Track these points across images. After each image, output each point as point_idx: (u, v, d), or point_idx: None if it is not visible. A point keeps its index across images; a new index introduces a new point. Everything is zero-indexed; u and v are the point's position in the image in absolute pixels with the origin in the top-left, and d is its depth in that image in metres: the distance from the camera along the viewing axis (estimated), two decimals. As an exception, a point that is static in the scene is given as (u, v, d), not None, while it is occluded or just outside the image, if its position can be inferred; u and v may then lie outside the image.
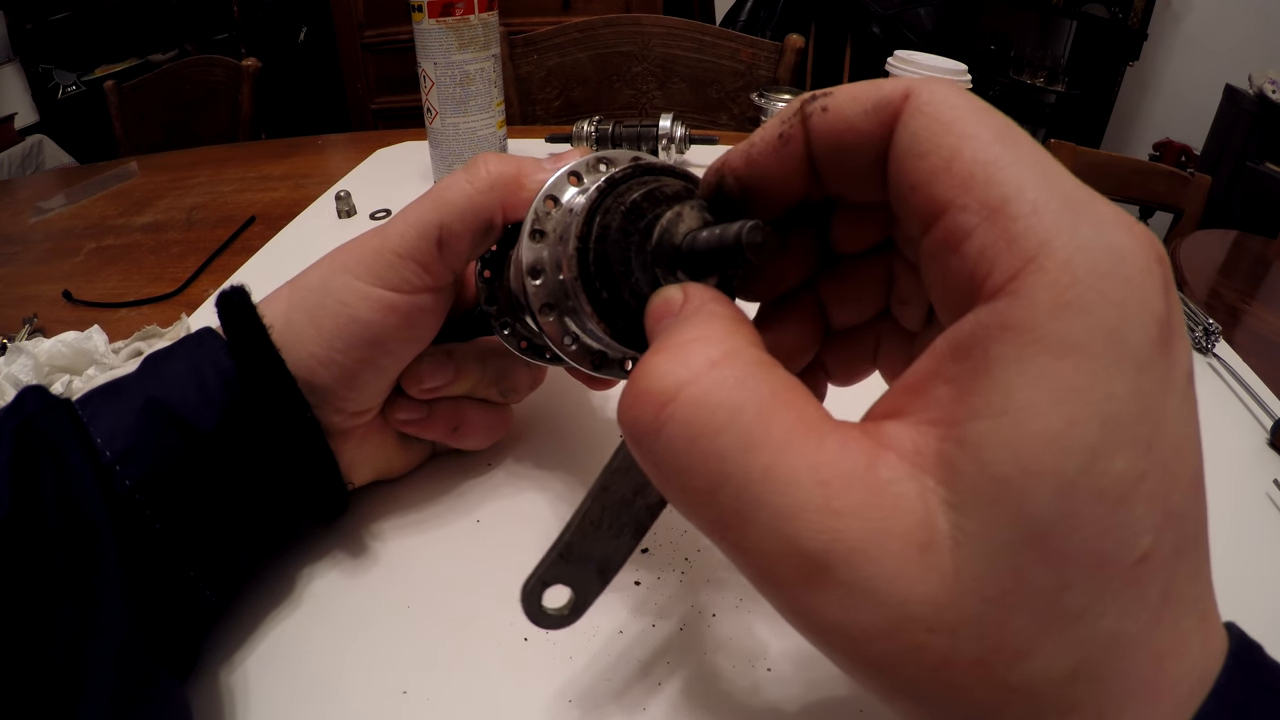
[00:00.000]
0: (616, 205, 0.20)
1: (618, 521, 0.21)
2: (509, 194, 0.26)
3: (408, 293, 0.26)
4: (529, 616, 0.22)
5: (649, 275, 0.20)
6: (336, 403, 0.27)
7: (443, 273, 0.27)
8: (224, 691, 0.25)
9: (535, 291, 0.23)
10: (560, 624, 0.22)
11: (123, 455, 0.23)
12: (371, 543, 0.30)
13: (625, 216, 0.20)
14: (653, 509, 0.22)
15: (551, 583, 0.21)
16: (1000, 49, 2.28)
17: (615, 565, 0.22)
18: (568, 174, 0.23)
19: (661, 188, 0.21)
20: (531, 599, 0.21)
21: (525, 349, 0.30)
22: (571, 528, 0.21)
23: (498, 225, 0.26)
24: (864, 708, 0.25)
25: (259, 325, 0.26)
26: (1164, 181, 1.14)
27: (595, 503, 0.21)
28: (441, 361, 0.29)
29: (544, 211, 0.23)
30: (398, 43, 2.06)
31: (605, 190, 0.21)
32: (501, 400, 0.32)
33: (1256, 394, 0.41)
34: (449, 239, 0.26)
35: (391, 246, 0.26)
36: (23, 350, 0.39)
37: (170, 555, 0.24)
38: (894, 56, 0.76)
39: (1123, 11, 2.12)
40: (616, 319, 0.21)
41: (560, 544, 0.21)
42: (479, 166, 0.26)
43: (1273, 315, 1.05)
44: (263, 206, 0.67)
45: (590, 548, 0.21)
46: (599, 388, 0.32)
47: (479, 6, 0.60)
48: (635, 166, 0.21)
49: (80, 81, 2.31)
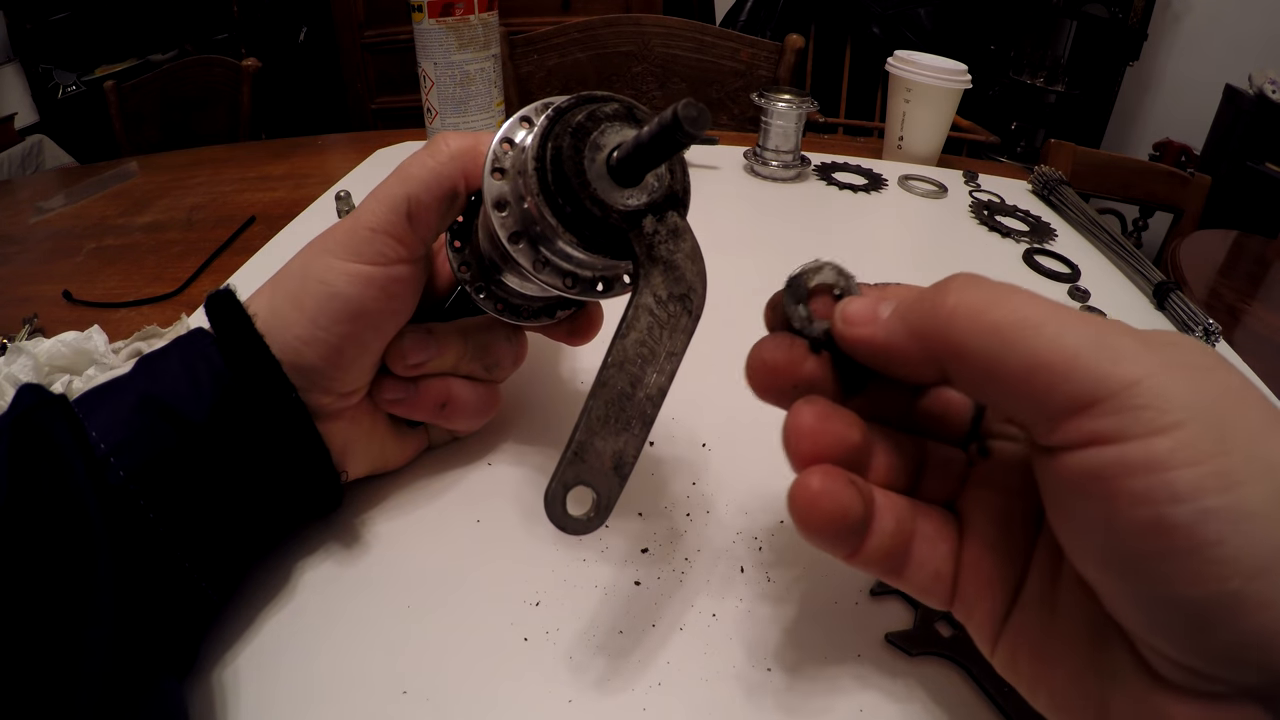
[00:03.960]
0: (564, 128, 0.23)
1: (623, 415, 0.23)
2: (469, 163, 0.27)
3: (383, 265, 0.27)
4: (556, 523, 0.22)
5: (606, 183, 0.23)
6: (324, 383, 0.28)
7: (415, 244, 0.28)
8: (222, 691, 0.25)
9: (502, 223, 0.25)
10: (588, 527, 0.23)
11: (117, 448, 0.24)
12: (371, 542, 0.30)
13: (573, 135, 0.23)
14: (653, 399, 0.23)
15: (572, 484, 0.22)
16: (1000, 49, 2.28)
17: (630, 460, 0.23)
18: (519, 119, 0.25)
19: (601, 108, 0.23)
20: (554, 504, 0.22)
21: (502, 310, 0.31)
22: (580, 427, 0.22)
23: (461, 194, 0.28)
24: (864, 707, 0.25)
25: (243, 315, 0.27)
26: (1164, 181, 1.14)
27: (597, 400, 0.23)
28: (423, 337, 0.30)
29: (501, 152, 0.25)
30: (398, 43, 2.06)
31: (553, 118, 0.23)
32: (486, 376, 0.33)
33: (1256, 394, 0.41)
34: (417, 210, 0.27)
35: (365, 223, 0.27)
36: (23, 350, 0.39)
37: (165, 547, 0.24)
38: (894, 56, 0.76)
39: (1123, 11, 2.12)
40: (583, 229, 0.23)
41: (572, 444, 0.22)
42: (440, 143, 0.28)
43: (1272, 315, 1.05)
44: (263, 206, 0.67)
45: (602, 445, 0.23)
46: (577, 343, 0.33)
47: (479, 6, 0.60)
48: (577, 97, 0.24)
49: (80, 81, 2.31)
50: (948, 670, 0.26)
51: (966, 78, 0.74)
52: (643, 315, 0.23)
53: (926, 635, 0.27)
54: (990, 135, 1.54)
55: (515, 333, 0.32)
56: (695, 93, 1.14)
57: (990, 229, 0.63)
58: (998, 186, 0.73)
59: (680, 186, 0.25)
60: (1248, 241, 1.31)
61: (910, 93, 0.74)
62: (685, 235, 0.24)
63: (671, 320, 0.24)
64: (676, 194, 0.24)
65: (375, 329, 0.28)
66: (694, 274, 0.24)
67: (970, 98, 0.79)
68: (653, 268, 0.24)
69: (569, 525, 0.22)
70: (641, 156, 0.22)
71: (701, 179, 0.70)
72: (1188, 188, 1.13)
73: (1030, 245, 0.60)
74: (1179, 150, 2.19)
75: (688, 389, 0.34)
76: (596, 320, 0.32)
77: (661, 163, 0.23)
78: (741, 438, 0.36)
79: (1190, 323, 0.49)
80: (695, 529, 0.31)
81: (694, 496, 0.33)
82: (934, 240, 0.62)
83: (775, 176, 0.70)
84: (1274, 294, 1.16)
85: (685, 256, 0.24)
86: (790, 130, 0.69)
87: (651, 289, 0.23)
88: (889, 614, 0.28)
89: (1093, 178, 1.09)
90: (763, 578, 0.29)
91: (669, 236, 0.24)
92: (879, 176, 0.72)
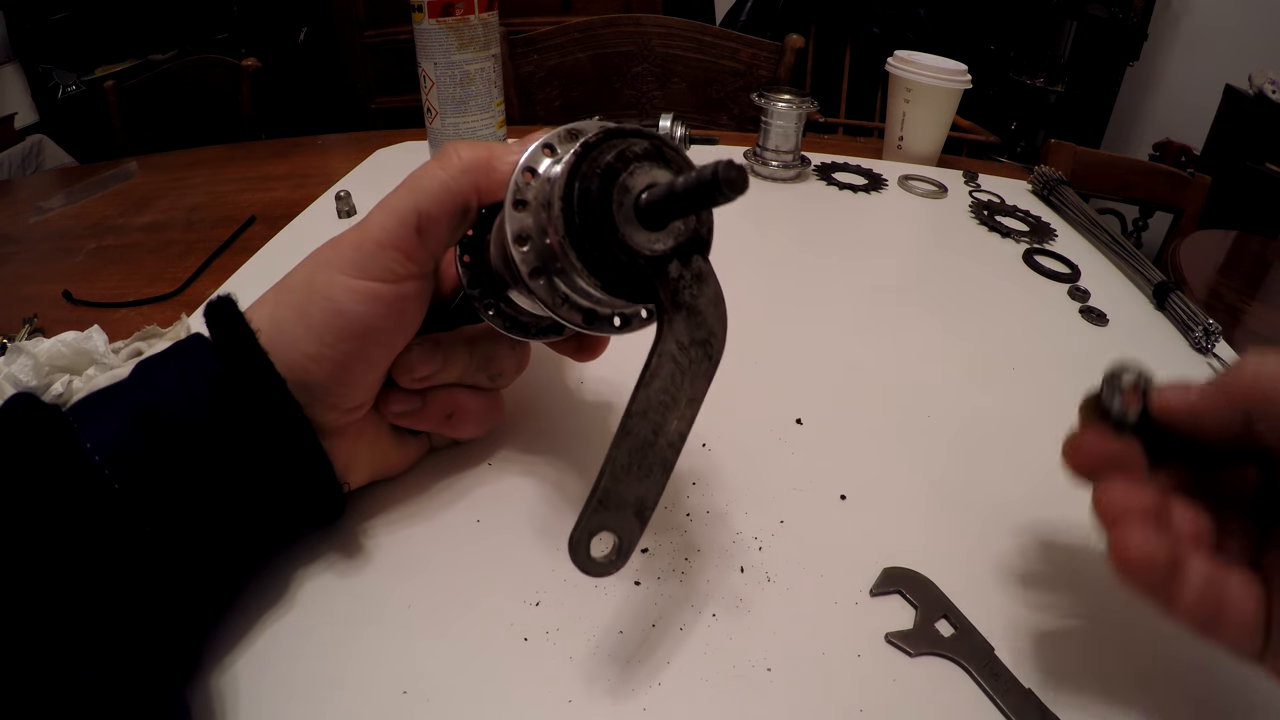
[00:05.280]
0: (593, 167, 0.22)
1: (645, 462, 0.23)
2: (482, 176, 0.26)
3: (391, 282, 0.26)
4: (580, 567, 0.22)
5: (632, 226, 0.22)
6: (330, 399, 0.27)
7: (424, 259, 0.27)
8: (224, 693, 0.25)
9: (524, 258, 0.24)
10: (609, 570, 0.23)
11: (111, 459, 0.23)
12: (371, 543, 0.30)
13: (602, 176, 0.22)
14: (674, 445, 0.23)
15: (596, 531, 0.22)
16: (1000, 49, 2.28)
17: (650, 504, 0.23)
18: (541, 146, 0.25)
19: (630, 147, 0.23)
20: (579, 550, 0.22)
21: (510, 327, 0.30)
22: (604, 475, 0.22)
23: (473, 208, 0.27)
24: (864, 707, 0.25)
25: (245, 329, 0.26)
26: (1164, 181, 1.14)
27: (621, 450, 0.23)
28: (430, 350, 0.30)
29: (523, 183, 0.24)
30: (398, 43, 2.06)
31: (581, 154, 0.22)
32: (491, 385, 0.33)
33: (1256, 394, 0.41)
34: (427, 224, 0.26)
35: (372, 237, 0.26)
36: (23, 350, 0.39)
37: (161, 558, 0.24)
38: (894, 56, 0.76)
39: (1123, 11, 2.12)
40: (607, 273, 0.23)
41: (597, 492, 0.22)
42: (451, 153, 0.27)
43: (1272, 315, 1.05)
44: (263, 206, 0.67)
45: (625, 492, 0.23)
46: (584, 359, 0.32)
47: (479, 6, 0.60)
48: (605, 130, 0.23)
49: (80, 81, 2.30)
50: (948, 670, 0.26)
51: (966, 78, 0.74)
52: (666, 363, 0.23)
53: (926, 635, 0.27)
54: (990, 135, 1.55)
55: (519, 342, 0.32)
56: (695, 93, 1.14)
57: (990, 229, 0.63)
58: (998, 186, 0.73)
59: (705, 228, 0.24)
60: (1248, 241, 1.31)
61: (910, 93, 0.74)
62: (709, 280, 0.24)
63: (693, 366, 0.23)
64: (701, 236, 0.24)
65: (383, 345, 0.28)
66: (715, 319, 0.24)
67: (970, 98, 0.79)
68: (676, 314, 0.23)
69: (592, 569, 0.23)
70: (672, 206, 0.22)
71: (701, 179, 0.70)
72: (1188, 188, 1.13)
73: (1030, 245, 0.60)
74: (1179, 150, 2.19)
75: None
76: (604, 338, 0.32)
77: (691, 214, 0.23)
78: (742, 438, 0.36)
79: (1190, 323, 0.49)
80: (695, 529, 0.31)
81: (694, 496, 0.33)
82: (934, 240, 0.62)
83: (775, 176, 0.70)
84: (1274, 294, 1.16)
85: (709, 301, 0.24)
86: (790, 130, 0.69)
87: (675, 336, 0.23)
88: (889, 614, 0.28)
89: (1093, 178, 1.09)
90: (763, 578, 0.29)
91: (694, 281, 0.23)
92: (879, 176, 0.72)
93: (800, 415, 0.38)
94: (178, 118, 1.35)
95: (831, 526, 0.32)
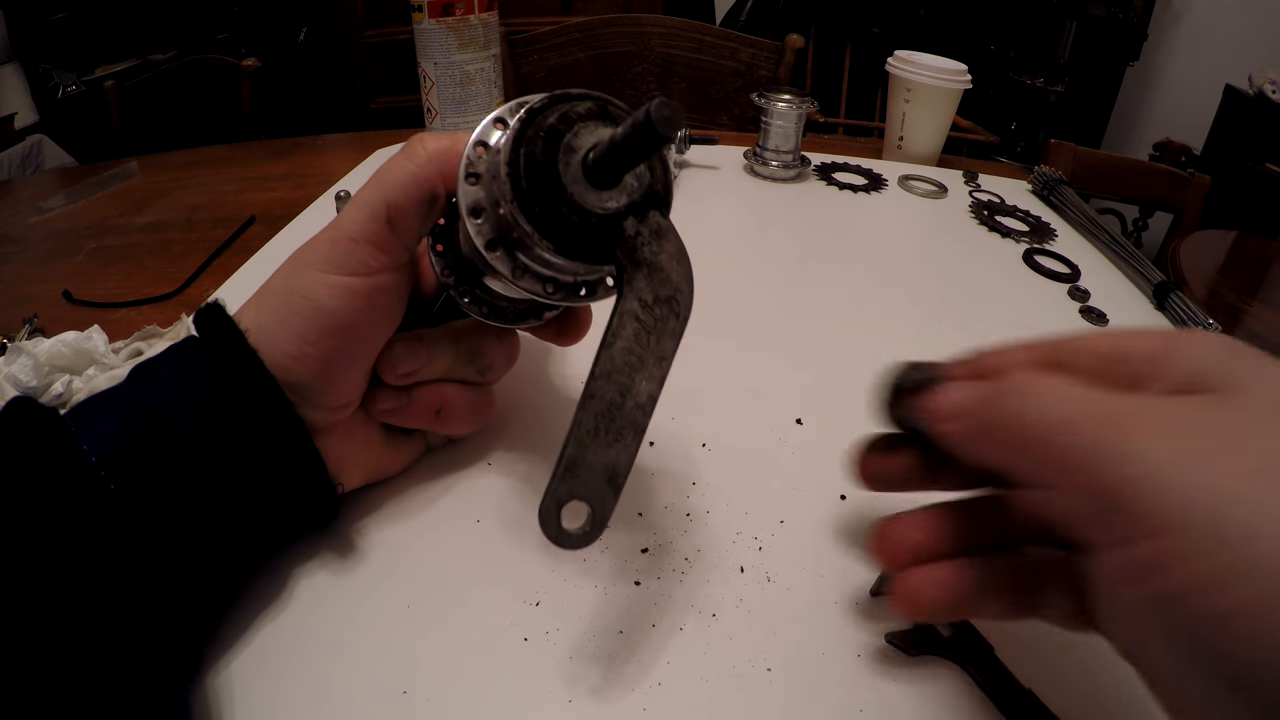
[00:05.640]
0: (536, 131, 0.22)
1: (613, 426, 0.22)
2: (447, 164, 0.27)
3: (366, 275, 0.27)
4: (551, 539, 0.22)
5: (582, 186, 0.22)
6: (316, 398, 0.27)
7: (398, 250, 0.27)
8: (224, 694, 0.25)
9: (479, 229, 0.24)
10: (584, 542, 0.22)
11: (108, 460, 0.23)
12: (370, 543, 0.30)
13: (546, 138, 0.22)
14: (643, 407, 0.23)
15: (566, 499, 0.22)
16: (1000, 49, 2.28)
17: (623, 471, 0.22)
18: (493, 121, 0.25)
19: (574, 108, 0.23)
20: (549, 520, 0.22)
21: (488, 314, 0.30)
22: (570, 442, 0.22)
23: (441, 196, 0.27)
24: (864, 707, 0.25)
25: (234, 329, 0.26)
26: (1164, 181, 1.14)
27: (586, 412, 0.22)
28: (412, 345, 0.30)
29: (475, 156, 0.24)
30: (398, 43, 2.06)
31: (526, 120, 0.22)
32: (480, 379, 0.32)
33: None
34: (397, 215, 0.27)
35: (345, 233, 0.27)
36: (23, 350, 0.39)
37: (159, 558, 0.24)
38: (894, 56, 0.76)
39: (1123, 11, 2.12)
40: (561, 235, 0.22)
41: (563, 460, 0.22)
42: (416, 145, 0.27)
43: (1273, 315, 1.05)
44: (263, 206, 0.67)
45: (594, 458, 0.22)
46: (565, 342, 0.32)
47: (479, 6, 0.60)
48: (550, 96, 0.23)
49: (80, 81, 2.30)
50: (948, 670, 0.26)
51: (966, 78, 0.74)
52: (628, 322, 0.23)
53: (926, 635, 0.27)
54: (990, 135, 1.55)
55: (507, 333, 0.32)
56: (695, 93, 1.14)
57: (990, 229, 0.63)
58: (998, 186, 0.73)
59: (661, 184, 0.24)
60: (1248, 241, 1.31)
61: (910, 93, 0.74)
62: (669, 235, 0.23)
63: (659, 325, 0.23)
64: (657, 192, 0.24)
65: (364, 340, 0.28)
66: (680, 275, 0.23)
67: (970, 98, 0.79)
68: (636, 271, 0.23)
69: (564, 540, 0.22)
70: (617, 158, 0.21)
71: (701, 179, 0.70)
72: (1188, 188, 1.13)
73: (1030, 245, 0.60)
74: (1179, 150, 2.19)
75: (687, 389, 0.34)
76: (585, 320, 0.32)
77: (639, 163, 0.23)
78: (741, 438, 0.36)
79: (1190, 323, 0.49)
80: (695, 529, 0.31)
81: (694, 496, 0.33)
82: (934, 240, 0.62)
83: (775, 176, 0.70)
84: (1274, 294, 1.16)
85: (670, 257, 0.23)
86: (790, 130, 0.69)
87: (636, 294, 0.23)
88: (889, 614, 0.28)
89: (1093, 178, 1.09)
90: (763, 578, 0.29)
91: (652, 238, 0.23)
92: (879, 176, 0.72)
93: (800, 415, 0.38)
94: (178, 118, 1.35)
95: (831, 526, 0.32)
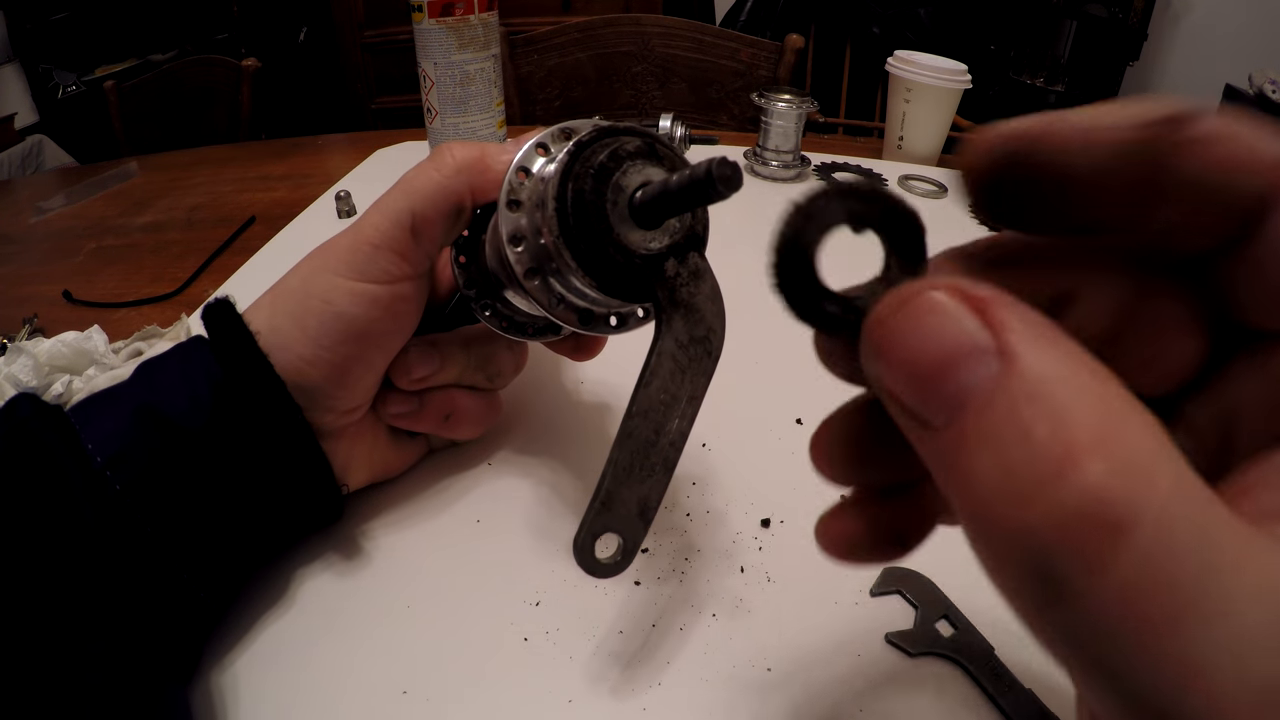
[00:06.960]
0: (586, 167, 0.22)
1: (647, 463, 0.23)
2: (476, 176, 0.26)
3: (387, 283, 0.27)
4: (585, 569, 0.22)
5: (627, 225, 0.22)
6: (327, 402, 0.27)
7: (420, 259, 0.27)
8: (225, 693, 0.25)
9: (518, 258, 0.24)
10: (615, 571, 0.23)
11: (113, 459, 0.23)
12: (371, 543, 0.30)
13: (596, 176, 0.22)
14: (675, 444, 0.23)
15: (600, 532, 0.22)
16: (1000, 49, 2.28)
17: (653, 504, 0.23)
18: (535, 146, 0.25)
19: (624, 145, 0.23)
20: (585, 552, 0.22)
21: (506, 328, 0.30)
22: (607, 477, 0.22)
23: (467, 208, 0.27)
24: (864, 707, 0.25)
25: (245, 331, 0.26)
26: (1164, 181, 1.14)
27: (623, 450, 0.22)
28: (427, 351, 0.30)
29: (517, 183, 0.24)
30: (398, 43, 2.06)
31: (574, 153, 0.22)
32: (489, 386, 0.33)
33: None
34: (422, 225, 0.26)
35: (367, 239, 0.26)
36: (23, 350, 0.39)
37: (162, 558, 0.24)
38: (894, 56, 0.76)
39: (1123, 11, 2.12)
40: (602, 273, 0.22)
41: (600, 495, 0.22)
42: (445, 154, 0.27)
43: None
44: (263, 206, 0.67)
45: (627, 493, 0.23)
46: (581, 358, 0.32)
47: (479, 6, 0.60)
48: (598, 129, 0.23)
49: (80, 81, 2.30)
50: (948, 670, 0.26)
51: (966, 78, 0.74)
52: (666, 362, 0.23)
53: (926, 635, 0.27)
54: (990, 135, 1.54)
55: (516, 342, 0.32)
56: (695, 93, 1.14)
57: (991, 229, 0.63)
58: (998, 186, 0.72)
59: (701, 226, 0.24)
60: (1248, 241, 1.31)
61: (910, 93, 0.74)
62: (706, 276, 0.24)
63: (693, 364, 0.23)
64: (697, 233, 0.24)
65: (380, 347, 0.28)
66: (714, 315, 0.24)
67: (970, 98, 0.79)
68: (674, 312, 0.23)
69: (597, 570, 0.23)
70: (667, 205, 0.21)
71: (701, 179, 0.70)
72: (1188, 188, 1.13)
73: (1030, 245, 0.60)
74: (1179, 150, 2.19)
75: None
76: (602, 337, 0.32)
77: (686, 212, 0.23)
78: (741, 438, 0.36)
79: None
80: (695, 529, 0.31)
81: (694, 496, 0.33)
82: (934, 240, 0.62)
83: (775, 176, 0.70)
84: (1274, 294, 1.16)
85: (706, 298, 0.23)
86: (790, 130, 0.69)
87: (674, 334, 0.23)
88: (889, 614, 0.28)
89: (1093, 178, 1.08)
90: (763, 578, 0.29)
91: (690, 279, 0.23)
92: (879, 177, 0.72)
93: (800, 415, 0.38)
94: (178, 118, 1.35)
95: (831, 526, 0.32)
